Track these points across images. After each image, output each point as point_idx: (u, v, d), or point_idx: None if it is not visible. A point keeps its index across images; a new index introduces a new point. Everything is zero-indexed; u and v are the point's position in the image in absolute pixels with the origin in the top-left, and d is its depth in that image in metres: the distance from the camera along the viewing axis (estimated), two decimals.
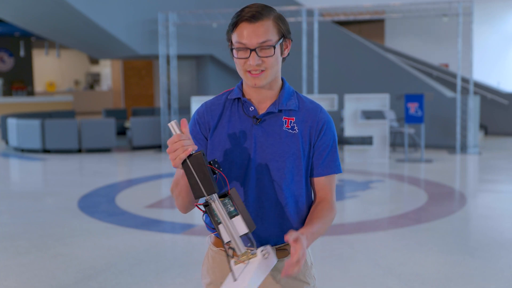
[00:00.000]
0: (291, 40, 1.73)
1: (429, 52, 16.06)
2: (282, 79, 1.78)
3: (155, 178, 8.23)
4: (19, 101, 17.59)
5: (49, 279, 4.06)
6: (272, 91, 1.74)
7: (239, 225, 1.57)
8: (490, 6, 15.57)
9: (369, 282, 3.97)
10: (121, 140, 12.79)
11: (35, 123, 10.89)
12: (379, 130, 9.46)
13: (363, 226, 5.43)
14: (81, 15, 10.78)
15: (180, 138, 1.52)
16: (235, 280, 1.54)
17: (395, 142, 11.21)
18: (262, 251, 1.56)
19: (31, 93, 21.20)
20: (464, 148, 10.50)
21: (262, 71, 1.66)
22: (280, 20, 1.68)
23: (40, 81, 24.04)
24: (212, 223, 1.58)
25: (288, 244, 1.75)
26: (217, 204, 1.57)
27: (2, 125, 12.42)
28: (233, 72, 12.96)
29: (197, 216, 5.99)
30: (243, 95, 1.76)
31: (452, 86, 13.07)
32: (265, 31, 1.63)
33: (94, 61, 25.12)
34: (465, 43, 11.88)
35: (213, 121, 1.75)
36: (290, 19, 10.84)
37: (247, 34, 1.62)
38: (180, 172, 1.67)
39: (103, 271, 4.21)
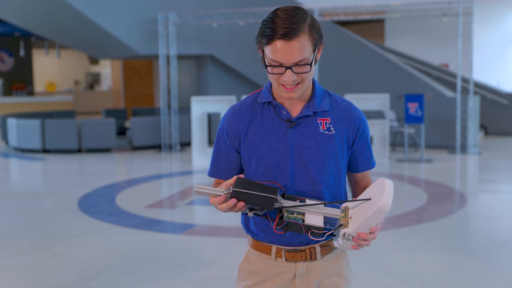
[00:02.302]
0: (323, 43, 1.66)
1: (429, 52, 16.06)
2: (313, 80, 1.74)
3: (155, 178, 8.23)
4: (19, 101, 17.59)
5: (49, 279, 4.06)
6: (304, 94, 1.70)
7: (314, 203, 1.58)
8: (490, 6, 15.57)
9: (369, 282, 3.97)
10: (121, 140, 12.79)
11: (35, 123, 10.89)
12: (379, 130, 9.46)
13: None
14: (81, 15, 10.78)
15: (217, 202, 1.55)
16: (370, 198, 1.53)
17: (395, 142, 11.21)
18: (347, 203, 1.58)
19: (31, 93, 21.20)
20: (464, 148, 10.50)
21: (298, 84, 1.62)
22: (314, 29, 1.59)
23: (40, 81, 24.04)
24: (301, 228, 1.57)
25: (331, 240, 1.77)
26: (287, 202, 1.57)
27: (2, 125, 12.42)
28: (233, 72, 12.96)
29: (197, 216, 6.00)
30: (273, 98, 1.71)
31: (452, 86, 13.07)
32: (301, 48, 1.55)
33: (94, 61, 25.12)
34: (465, 43, 11.88)
35: (242, 127, 1.71)
36: None
37: (281, 52, 1.55)
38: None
39: (103, 271, 4.21)
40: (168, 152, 10.96)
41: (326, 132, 1.69)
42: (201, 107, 9.49)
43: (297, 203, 1.57)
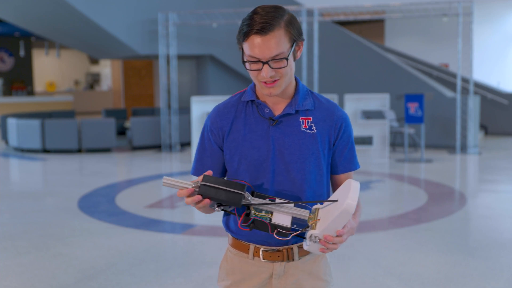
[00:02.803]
0: (303, 40, 1.69)
1: (429, 52, 16.06)
2: (296, 79, 1.75)
3: (155, 178, 8.23)
4: (19, 101, 17.59)
5: (49, 279, 4.06)
6: (287, 92, 1.72)
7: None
8: (490, 6, 15.57)
9: (369, 282, 3.97)
10: (121, 140, 12.79)
11: (35, 123, 10.89)
12: (379, 130, 9.46)
13: (363, 226, 5.43)
14: (81, 15, 10.78)
15: (184, 194, 1.56)
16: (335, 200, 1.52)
17: (395, 142, 11.21)
18: (318, 204, 1.57)
19: (31, 93, 21.20)
20: (464, 148, 10.50)
21: (276, 80, 1.63)
22: (291, 25, 1.61)
23: (40, 81, 24.04)
24: (266, 223, 1.57)
25: None
26: (256, 200, 1.56)
27: (2, 125, 12.42)
28: (233, 72, 12.96)
29: (197, 216, 5.99)
30: (257, 97, 1.74)
31: (452, 86, 13.07)
32: (277, 43, 1.58)
33: (94, 61, 25.12)
34: (465, 43, 11.88)
35: (226, 125, 1.73)
36: None
37: (258, 47, 1.58)
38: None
39: (103, 271, 4.21)
40: (168, 152, 10.95)
41: (308, 131, 1.70)
42: (201, 107, 9.50)
43: (266, 201, 1.57)
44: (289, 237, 1.58)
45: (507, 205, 6.43)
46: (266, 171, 1.69)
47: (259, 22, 1.57)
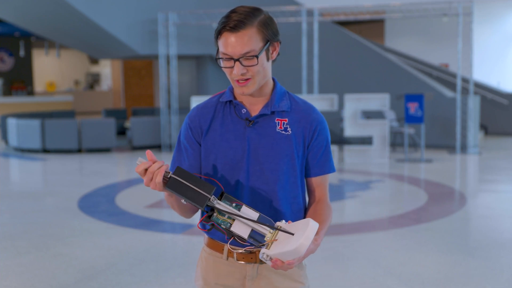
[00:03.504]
0: (280, 42, 1.70)
1: (429, 52, 16.06)
2: (274, 80, 1.77)
3: None
4: (19, 101, 17.59)
5: (49, 279, 4.06)
6: (263, 93, 1.73)
7: (249, 212, 1.56)
8: (490, 6, 15.57)
9: (369, 282, 3.97)
10: (121, 140, 12.79)
11: (35, 123, 10.89)
12: (379, 130, 9.46)
13: (363, 226, 5.43)
14: (81, 15, 10.78)
15: (146, 165, 1.54)
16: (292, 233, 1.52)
17: (395, 142, 11.21)
18: (281, 222, 1.55)
19: (31, 93, 21.19)
20: (464, 148, 10.50)
21: (248, 79, 1.65)
22: (264, 26, 1.64)
23: (40, 81, 24.04)
24: (222, 230, 1.56)
25: None
26: (221, 204, 1.56)
27: (2, 125, 12.42)
28: None
29: (197, 216, 5.99)
30: (234, 97, 1.76)
31: (452, 86, 13.07)
32: (248, 40, 1.60)
33: (94, 61, 25.12)
34: (465, 43, 11.88)
35: (205, 124, 1.75)
36: (290, 19, 10.85)
37: (230, 44, 1.61)
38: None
39: (103, 271, 4.21)
40: (168, 152, 10.96)
41: (283, 132, 1.72)
42: None
43: (230, 208, 1.56)
44: (243, 249, 1.59)
45: (507, 205, 6.43)
46: (241, 171, 1.71)
47: (233, 20, 1.60)
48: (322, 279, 4.01)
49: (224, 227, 1.56)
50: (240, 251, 1.74)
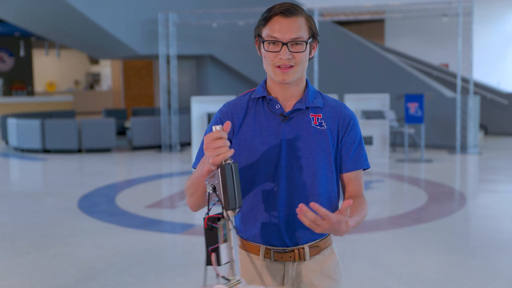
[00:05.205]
0: (318, 42, 1.73)
1: (429, 52, 16.06)
2: (306, 79, 1.77)
3: (155, 178, 8.23)
4: (19, 101, 17.59)
5: (49, 279, 4.06)
6: (298, 89, 1.73)
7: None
8: (490, 6, 15.57)
9: (369, 282, 3.97)
10: (121, 140, 12.78)
11: (35, 123, 10.89)
12: (379, 130, 9.46)
13: (363, 226, 5.43)
14: (81, 15, 10.78)
15: (221, 135, 1.43)
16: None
17: (395, 142, 11.21)
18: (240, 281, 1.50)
19: (31, 93, 21.19)
20: (464, 148, 10.50)
21: (291, 66, 1.64)
22: (311, 20, 1.69)
23: (40, 81, 24.03)
24: (216, 239, 1.50)
25: (320, 241, 1.76)
26: (232, 222, 1.50)
27: (2, 125, 12.42)
28: (233, 72, 12.96)
29: (197, 216, 5.99)
30: (268, 93, 1.74)
31: (452, 86, 13.07)
32: (299, 27, 1.63)
33: (94, 61, 25.11)
34: (465, 43, 11.87)
35: (237, 120, 1.72)
36: None
37: (280, 28, 1.61)
38: (201, 171, 1.56)
39: (103, 271, 4.21)
40: (168, 152, 10.95)
41: (318, 127, 1.71)
42: (201, 107, 9.50)
43: (233, 239, 1.49)
44: (205, 266, 1.52)
45: (507, 205, 6.43)
46: (277, 167, 1.68)
47: (283, 6, 1.62)
48: None
49: (223, 237, 1.50)
50: (275, 250, 1.71)
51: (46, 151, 11.07)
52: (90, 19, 10.80)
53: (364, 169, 1.78)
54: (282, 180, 1.68)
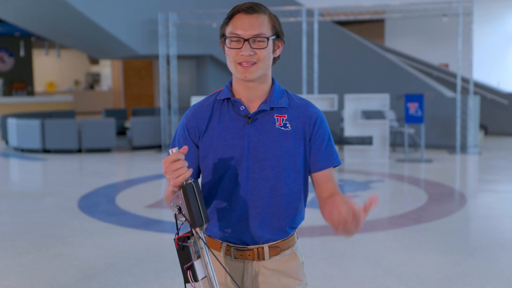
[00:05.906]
0: (283, 42, 1.73)
1: (429, 52, 16.06)
2: (272, 78, 1.77)
3: (155, 178, 8.23)
4: (19, 101, 17.59)
5: (49, 279, 4.06)
6: (263, 89, 1.73)
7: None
8: (490, 6, 15.57)
9: (369, 282, 3.97)
10: (121, 140, 12.78)
11: (35, 123, 10.89)
12: (379, 130, 9.46)
13: (363, 226, 5.42)
14: (81, 15, 10.78)
15: (178, 157, 1.52)
16: None
17: (395, 142, 11.21)
18: None
19: (31, 93, 21.20)
20: (464, 148, 10.50)
21: (254, 63, 1.65)
22: (275, 19, 1.70)
23: (40, 81, 24.04)
24: (190, 257, 1.55)
25: (281, 242, 1.77)
26: (202, 238, 1.55)
27: (2, 125, 12.42)
28: None
29: None
30: (232, 95, 1.74)
31: (452, 86, 13.07)
32: (260, 23, 1.65)
33: (94, 61, 25.12)
34: (465, 43, 11.87)
35: (203, 124, 1.73)
36: (290, 19, 10.84)
37: (242, 24, 1.64)
38: (168, 190, 1.69)
39: (103, 271, 4.21)
40: (168, 152, 10.94)
41: (282, 128, 1.71)
42: None
43: (206, 254, 1.55)
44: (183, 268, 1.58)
45: (507, 205, 6.43)
46: (241, 168, 1.70)
47: (248, 4, 1.66)
48: (322, 279, 4.01)
49: (195, 254, 1.56)
50: (236, 247, 1.74)
51: (46, 151, 11.07)
52: (90, 19, 10.80)
53: (334, 166, 1.78)
54: (245, 182, 1.70)
